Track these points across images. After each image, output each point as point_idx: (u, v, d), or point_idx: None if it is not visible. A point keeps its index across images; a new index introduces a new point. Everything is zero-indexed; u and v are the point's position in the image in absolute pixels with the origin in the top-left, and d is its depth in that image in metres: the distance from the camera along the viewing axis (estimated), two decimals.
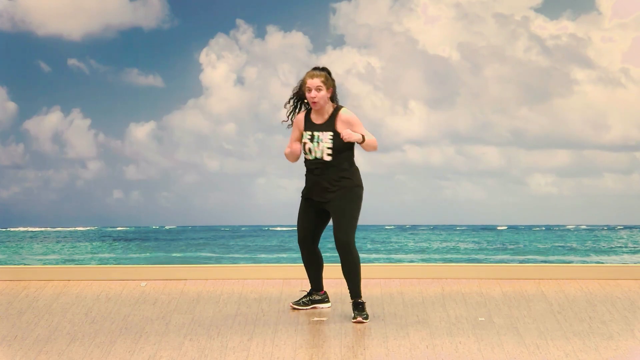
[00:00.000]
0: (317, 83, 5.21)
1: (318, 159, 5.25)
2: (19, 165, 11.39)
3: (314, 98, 5.21)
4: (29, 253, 16.17)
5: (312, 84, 5.21)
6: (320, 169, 5.27)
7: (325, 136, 5.24)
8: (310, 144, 5.25)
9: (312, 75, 5.24)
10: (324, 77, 5.24)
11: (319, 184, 5.29)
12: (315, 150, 5.25)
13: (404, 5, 10.51)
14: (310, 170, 5.32)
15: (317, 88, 5.21)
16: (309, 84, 5.22)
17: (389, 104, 11.03)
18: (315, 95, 5.21)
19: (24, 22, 10.59)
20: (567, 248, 16.98)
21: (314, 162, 5.28)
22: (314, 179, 5.31)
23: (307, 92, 5.24)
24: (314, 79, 5.22)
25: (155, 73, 11.40)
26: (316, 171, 5.28)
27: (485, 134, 11.46)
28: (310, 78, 5.23)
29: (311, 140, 5.25)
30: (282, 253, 16.32)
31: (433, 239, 18.56)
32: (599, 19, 10.32)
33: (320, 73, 5.25)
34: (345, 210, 5.24)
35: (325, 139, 5.24)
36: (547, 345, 4.78)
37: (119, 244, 17.30)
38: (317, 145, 5.24)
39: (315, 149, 5.25)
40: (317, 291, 5.61)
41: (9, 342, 4.89)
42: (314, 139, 5.24)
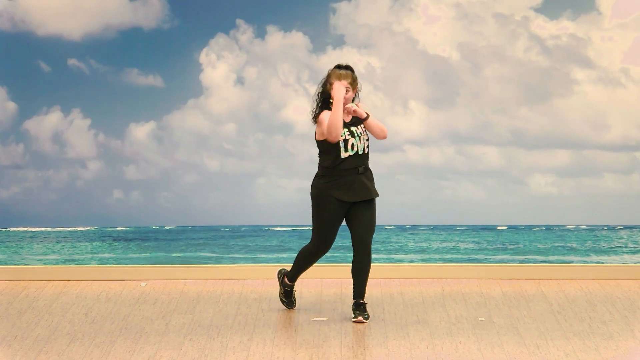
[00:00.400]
0: (345, 85, 5.16)
1: (360, 153, 5.19)
2: (19, 165, 11.39)
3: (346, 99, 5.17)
4: (29, 253, 16.15)
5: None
6: (364, 166, 5.23)
7: (362, 129, 5.20)
8: (354, 139, 5.18)
9: (339, 76, 5.17)
10: (352, 77, 5.19)
11: (363, 183, 5.22)
12: (359, 145, 5.18)
13: (404, 5, 10.51)
14: (349, 169, 5.19)
15: (346, 89, 5.17)
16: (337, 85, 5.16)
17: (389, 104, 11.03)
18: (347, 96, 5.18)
19: (24, 22, 10.58)
20: (567, 248, 16.96)
21: (356, 160, 5.18)
22: (356, 179, 5.20)
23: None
24: (341, 81, 5.16)
25: (155, 73, 11.39)
26: (361, 168, 5.21)
27: (485, 134, 11.46)
28: (337, 79, 5.16)
29: (352, 136, 5.18)
30: (282, 253, 16.30)
31: (433, 239, 18.54)
32: (599, 19, 10.32)
33: (347, 73, 5.18)
34: (375, 212, 5.27)
35: (363, 132, 5.20)
36: (547, 345, 4.78)
37: (119, 244, 17.28)
38: (359, 140, 5.18)
39: (358, 143, 5.18)
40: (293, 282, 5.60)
41: (9, 342, 4.89)
42: (354, 134, 5.18)
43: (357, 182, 5.20)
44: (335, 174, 5.20)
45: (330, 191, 5.20)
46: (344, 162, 5.18)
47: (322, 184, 5.23)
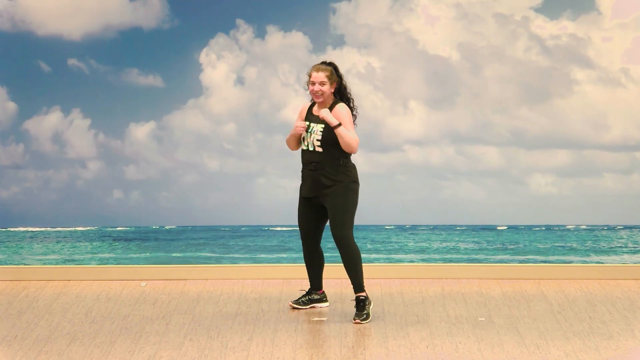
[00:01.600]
0: (321, 77, 5.24)
1: (310, 150, 5.27)
2: (19, 165, 11.39)
3: (316, 91, 5.24)
4: (29, 253, 16.15)
5: (317, 78, 5.24)
6: (315, 164, 5.28)
7: (318, 128, 5.26)
8: (305, 134, 5.30)
9: (317, 68, 5.26)
10: (329, 71, 5.25)
11: (315, 180, 5.29)
12: (308, 141, 5.28)
13: (404, 5, 10.51)
14: (305, 165, 5.35)
15: (321, 82, 5.23)
16: (313, 78, 5.25)
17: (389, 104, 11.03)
18: (318, 89, 5.23)
19: (24, 22, 10.58)
20: (567, 248, 16.95)
21: (309, 155, 5.29)
22: (309, 174, 5.32)
23: (310, 84, 5.26)
24: (318, 73, 5.24)
25: (155, 73, 11.39)
26: (311, 166, 5.30)
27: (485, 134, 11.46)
28: (315, 71, 5.26)
29: (306, 130, 5.30)
30: (282, 253, 16.30)
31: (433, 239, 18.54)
32: (599, 19, 10.32)
33: (325, 67, 5.26)
34: (341, 205, 5.25)
35: (317, 131, 5.26)
36: (547, 345, 4.78)
37: (119, 244, 17.28)
38: (309, 136, 5.27)
39: (307, 139, 5.28)
40: (316, 290, 5.62)
41: (9, 342, 4.89)
42: (309, 129, 5.29)
43: (310, 178, 5.33)
44: (302, 168, 5.41)
45: (301, 184, 5.44)
46: (302, 156, 5.37)
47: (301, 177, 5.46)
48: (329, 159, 5.26)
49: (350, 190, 5.28)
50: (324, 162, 5.27)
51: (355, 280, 5.33)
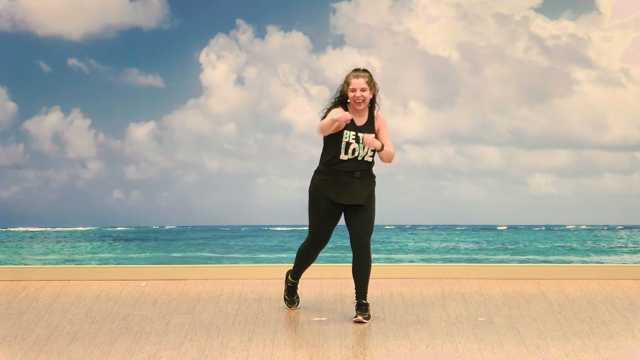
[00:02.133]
0: (362, 84, 5.20)
1: (359, 159, 5.21)
2: (19, 165, 11.39)
3: (358, 98, 5.19)
4: (29, 253, 16.14)
5: (357, 84, 5.20)
6: (362, 172, 5.24)
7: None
8: (356, 145, 5.20)
9: (357, 75, 5.22)
10: (369, 77, 5.24)
11: (357, 187, 5.24)
12: (360, 152, 5.22)
13: (404, 5, 10.51)
14: (346, 172, 5.23)
15: (362, 89, 5.20)
16: (354, 84, 5.19)
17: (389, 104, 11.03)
18: (360, 95, 5.19)
19: (24, 22, 10.58)
20: (567, 248, 16.95)
21: (356, 164, 5.22)
22: (352, 182, 5.23)
23: (350, 92, 5.20)
24: (359, 79, 5.21)
25: (155, 73, 11.39)
26: (358, 173, 5.23)
27: (485, 134, 11.46)
28: (355, 78, 5.21)
29: (357, 141, 5.21)
30: (282, 253, 16.29)
31: (433, 239, 18.53)
32: (599, 19, 10.32)
33: (365, 74, 5.24)
34: (374, 213, 5.30)
35: None
36: (547, 345, 4.78)
37: (119, 244, 17.27)
38: (362, 147, 5.21)
39: (359, 150, 5.21)
40: (296, 279, 5.62)
41: (9, 342, 4.89)
42: (359, 140, 5.21)
43: (351, 185, 5.24)
44: (331, 172, 5.25)
45: (324, 189, 5.27)
46: (341, 163, 5.22)
47: (318, 181, 5.30)
48: (372, 166, 5.31)
49: (375, 197, 5.36)
50: (369, 170, 5.29)
51: (365, 287, 5.32)
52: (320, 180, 5.29)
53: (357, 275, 5.29)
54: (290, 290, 5.63)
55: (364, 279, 5.29)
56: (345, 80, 5.27)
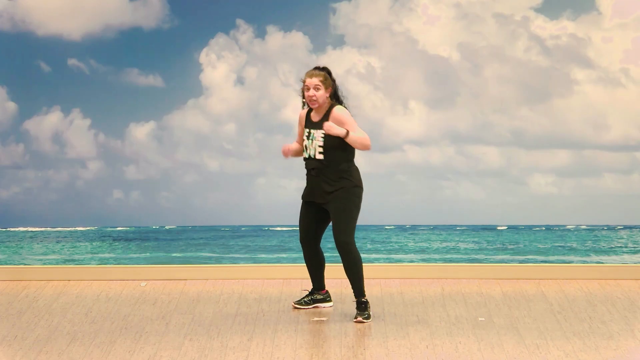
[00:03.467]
0: (315, 82, 5.22)
1: (312, 157, 5.26)
2: (19, 165, 11.40)
3: (312, 97, 5.22)
4: (29, 253, 16.16)
5: (311, 83, 5.23)
6: (317, 169, 5.27)
7: (318, 134, 5.24)
8: (307, 141, 5.28)
9: (311, 74, 5.24)
10: (323, 76, 5.24)
11: (318, 185, 5.28)
12: (310, 148, 5.26)
13: (404, 5, 10.52)
14: (308, 170, 5.33)
15: (315, 87, 5.21)
16: (307, 83, 5.23)
17: (389, 104, 11.04)
18: (313, 94, 5.22)
19: (24, 22, 10.60)
20: (567, 248, 16.97)
21: (311, 162, 5.28)
22: (312, 180, 5.31)
23: (305, 90, 5.25)
24: (312, 78, 5.23)
25: (155, 73, 11.41)
26: (313, 172, 5.28)
27: (485, 134, 11.47)
28: (309, 77, 5.24)
29: (307, 138, 5.28)
30: (282, 253, 16.31)
31: (433, 239, 18.55)
32: (599, 19, 10.33)
33: (319, 72, 5.25)
34: (344, 210, 5.24)
35: (317, 137, 5.24)
36: (547, 345, 4.78)
37: (119, 244, 17.29)
38: (311, 143, 5.26)
39: (309, 146, 5.26)
40: (318, 290, 5.61)
41: (9, 342, 4.89)
42: (310, 136, 5.27)
43: (311, 182, 5.32)
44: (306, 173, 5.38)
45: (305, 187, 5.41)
46: (305, 162, 5.35)
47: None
48: (331, 164, 5.25)
49: (352, 194, 5.26)
50: (326, 168, 5.26)
51: (357, 285, 5.32)
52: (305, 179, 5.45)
53: (346, 274, 5.34)
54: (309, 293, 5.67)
55: (353, 277, 5.30)
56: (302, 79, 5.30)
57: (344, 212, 5.24)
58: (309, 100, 5.25)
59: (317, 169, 5.27)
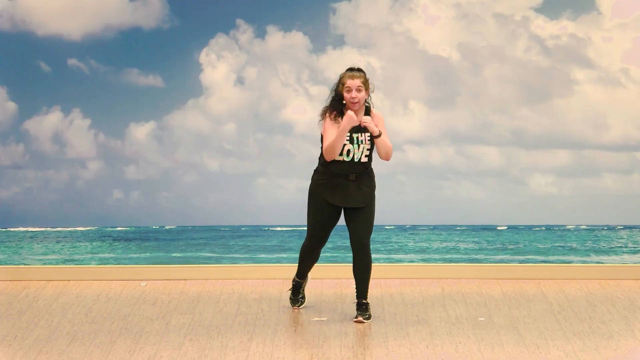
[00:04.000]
0: (357, 84, 5.13)
1: (355, 161, 5.18)
2: (19, 165, 11.39)
3: (354, 99, 5.13)
4: (29, 253, 16.15)
5: (353, 84, 5.13)
6: (357, 174, 5.20)
7: (365, 137, 5.18)
8: (351, 146, 5.15)
9: (352, 75, 5.15)
10: (364, 77, 5.18)
11: (355, 189, 5.20)
12: (355, 153, 5.17)
13: (404, 5, 10.51)
14: (341, 175, 5.20)
15: (358, 89, 5.13)
16: (349, 84, 5.13)
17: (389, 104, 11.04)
18: (355, 96, 5.14)
19: (24, 22, 10.59)
20: (567, 248, 16.95)
21: (353, 166, 5.18)
22: (349, 185, 5.19)
23: (346, 92, 5.14)
24: (354, 80, 5.13)
25: (155, 73, 11.40)
26: (352, 176, 5.19)
27: (485, 134, 11.46)
28: (350, 79, 5.14)
29: (351, 142, 5.16)
30: (282, 253, 16.30)
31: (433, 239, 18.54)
32: (599, 19, 10.33)
33: (360, 74, 5.17)
34: (372, 213, 5.26)
35: (365, 140, 5.17)
36: (547, 345, 4.78)
37: (119, 244, 17.28)
38: (357, 147, 5.18)
39: (353, 150, 5.16)
40: (302, 279, 5.62)
41: (9, 342, 4.89)
42: (354, 140, 5.17)
43: (345, 187, 5.21)
44: (327, 173, 5.23)
45: (320, 189, 5.26)
46: (336, 165, 5.19)
47: (316, 181, 5.29)
48: (368, 167, 5.25)
49: (375, 197, 5.31)
50: (366, 171, 5.23)
51: (365, 288, 5.31)
52: (318, 181, 5.28)
53: (357, 275, 5.29)
54: (295, 289, 5.64)
55: (364, 279, 5.29)
56: (340, 80, 5.21)
57: (372, 215, 5.27)
58: (350, 102, 5.14)
59: (358, 174, 5.21)
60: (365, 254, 5.24)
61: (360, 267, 5.26)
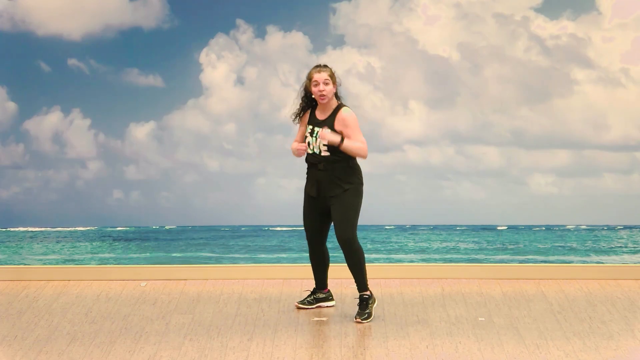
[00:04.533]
0: (324, 77, 5.24)
1: (316, 153, 5.27)
2: (19, 165, 11.39)
3: (322, 91, 5.22)
4: (29, 253, 16.14)
5: (320, 78, 5.23)
6: (324, 164, 5.26)
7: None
8: (310, 138, 5.30)
9: (318, 70, 5.27)
10: (330, 71, 5.28)
11: (324, 180, 5.27)
12: (313, 145, 5.28)
13: (404, 5, 10.51)
14: (313, 164, 5.32)
15: (325, 82, 5.23)
16: (316, 78, 5.23)
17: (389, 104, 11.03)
18: (323, 89, 5.22)
19: (24, 22, 10.59)
20: (567, 248, 16.94)
21: (318, 158, 5.28)
22: (317, 174, 5.30)
23: (313, 86, 5.24)
24: (321, 73, 5.25)
25: (155, 73, 11.40)
26: (320, 165, 5.27)
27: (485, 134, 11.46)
28: (317, 72, 5.25)
29: (311, 135, 5.29)
30: (282, 253, 16.29)
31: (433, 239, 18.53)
32: (599, 19, 10.32)
33: (326, 68, 5.29)
34: (347, 206, 5.26)
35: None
36: (547, 345, 4.78)
37: (119, 244, 17.28)
38: (314, 140, 5.26)
39: (313, 143, 5.28)
40: (321, 289, 5.62)
41: (9, 342, 4.89)
42: (313, 133, 5.28)
43: (318, 177, 5.31)
44: (308, 166, 5.40)
45: (306, 183, 5.42)
46: (310, 158, 5.35)
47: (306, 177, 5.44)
48: (337, 161, 5.26)
49: (357, 192, 5.30)
50: (336, 164, 5.26)
51: (360, 280, 5.34)
52: (306, 175, 5.44)
53: (349, 269, 5.35)
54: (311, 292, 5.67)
55: (356, 273, 5.34)
56: (307, 76, 5.31)
57: (347, 208, 5.26)
58: (318, 95, 5.24)
59: (325, 164, 5.26)
60: (347, 249, 5.26)
61: (349, 262, 5.30)
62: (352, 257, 5.28)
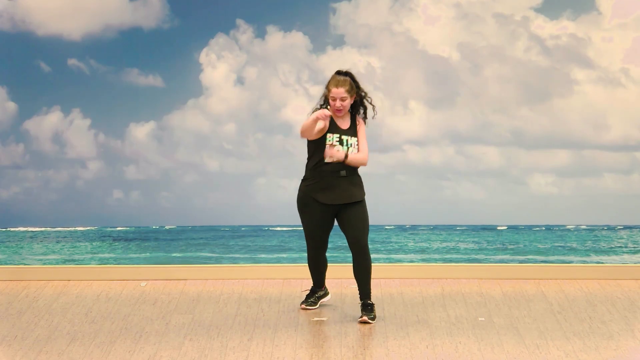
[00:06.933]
0: (342, 94, 5.20)
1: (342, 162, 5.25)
2: (19, 165, 11.40)
3: (338, 108, 5.22)
4: (29, 253, 16.16)
5: (337, 93, 5.19)
6: (347, 170, 5.26)
7: (354, 141, 5.27)
8: (340, 147, 5.23)
9: (337, 83, 5.21)
10: (349, 84, 5.22)
11: (346, 188, 5.26)
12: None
13: (404, 5, 10.52)
14: (332, 172, 5.26)
15: (342, 98, 5.21)
16: (333, 93, 5.20)
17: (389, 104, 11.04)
18: (340, 105, 5.21)
19: (24, 22, 10.60)
20: (567, 248, 16.97)
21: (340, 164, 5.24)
22: (337, 182, 5.26)
23: (331, 100, 5.22)
24: (339, 88, 5.20)
25: (155, 73, 11.41)
26: (343, 172, 5.25)
27: (485, 134, 11.47)
28: (335, 87, 5.21)
29: (340, 144, 5.24)
30: (282, 253, 16.31)
31: (433, 239, 18.55)
32: (599, 19, 10.34)
33: (344, 80, 5.22)
34: (365, 213, 5.29)
35: (354, 145, 5.27)
36: (547, 345, 4.78)
37: (119, 244, 17.29)
38: (347, 150, 5.24)
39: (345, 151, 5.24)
40: (319, 288, 5.63)
41: (9, 342, 4.89)
42: (343, 142, 5.25)
43: (338, 185, 5.27)
44: (317, 175, 5.28)
45: (313, 193, 5.29)
46: (328, 165, 5.26)
47: (306, 187, 5.32)
48: (355, 169, 5.31)
49: (365, 201, 5.36)
50: (354, 171, 5.30)
51: (367, 288, 5.32)
52: (308, 186, 5.31)
53: (358, 276, 5.30)
54: (311, 292, 5.67)
55: (366, 280, 5.30)
56: (327, 86, 5.28)
57: (365, 214, 5.30)
58: (334, 111, 5.24)
59: (349, 169, 5.27)
60: (364, 254, 5.25)
61: (361, 268, 5.27)
62: (364, 263, 5.28)
